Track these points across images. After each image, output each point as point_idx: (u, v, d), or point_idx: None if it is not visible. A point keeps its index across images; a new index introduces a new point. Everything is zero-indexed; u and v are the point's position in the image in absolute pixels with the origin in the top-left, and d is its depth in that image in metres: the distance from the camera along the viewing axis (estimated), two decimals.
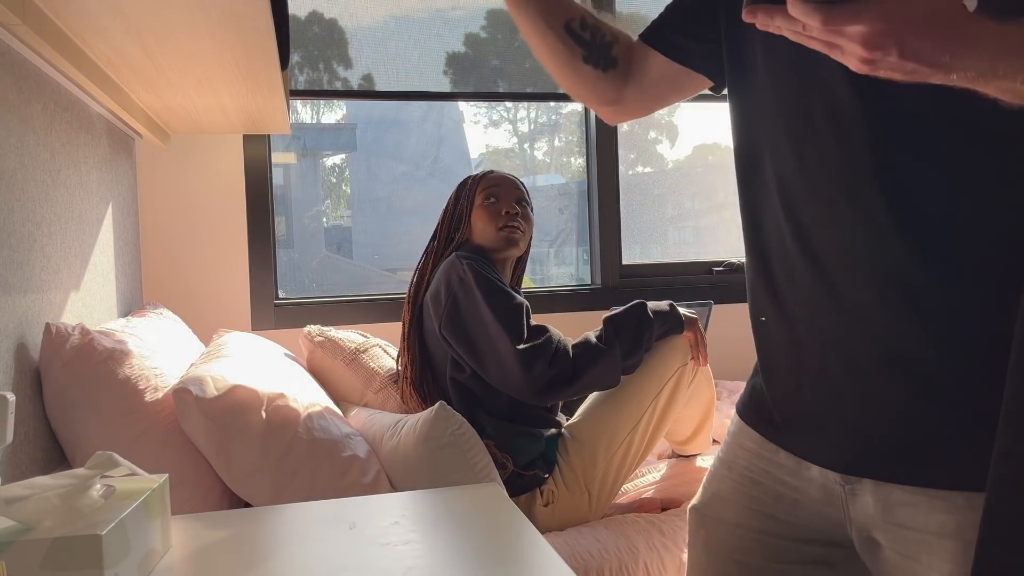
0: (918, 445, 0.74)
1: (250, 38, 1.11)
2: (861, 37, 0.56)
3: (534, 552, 0.72)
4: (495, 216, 1.67)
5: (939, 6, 0.56)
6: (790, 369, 0.85)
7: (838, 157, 0.76)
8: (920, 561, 0.75)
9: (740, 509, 0.90)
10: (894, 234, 0.73)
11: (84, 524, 0.61)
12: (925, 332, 0.73)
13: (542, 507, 1.50)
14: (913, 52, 0.56)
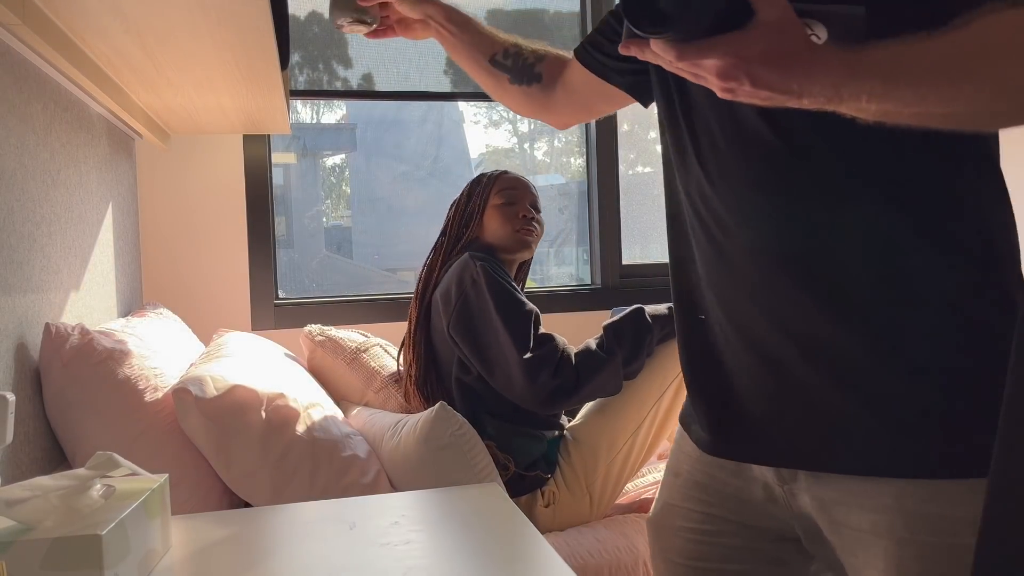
0: (842, 434, 0.77)
1: (250, 38, 1.11)
2: (715, 70, 0.62)
3: (534, 552, 0.72)
4: (511, 217, 1.67)
5: (785, 41, 0.61)
6: (716, 372, 0.87)
7: (745, 170, 0.80)
8: (857, 557, 0.77)
9: (691, 515, 0.91)
10: (800, 236, 0.77)
11: (84, 524, 0.61)
12: (839, 326, 0.76)
13: (543, 508, 1.50)
14: (763, 82, 0.62)
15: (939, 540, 0.73)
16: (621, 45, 0.67)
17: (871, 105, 0.63)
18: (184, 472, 1.20)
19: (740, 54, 0.61)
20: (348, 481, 1.26)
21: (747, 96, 0.64)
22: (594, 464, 1.54)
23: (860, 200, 0.75)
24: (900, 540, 0.74)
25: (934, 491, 0.73)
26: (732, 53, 0.61)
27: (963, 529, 0.71)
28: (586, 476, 1.53)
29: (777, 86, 0.62)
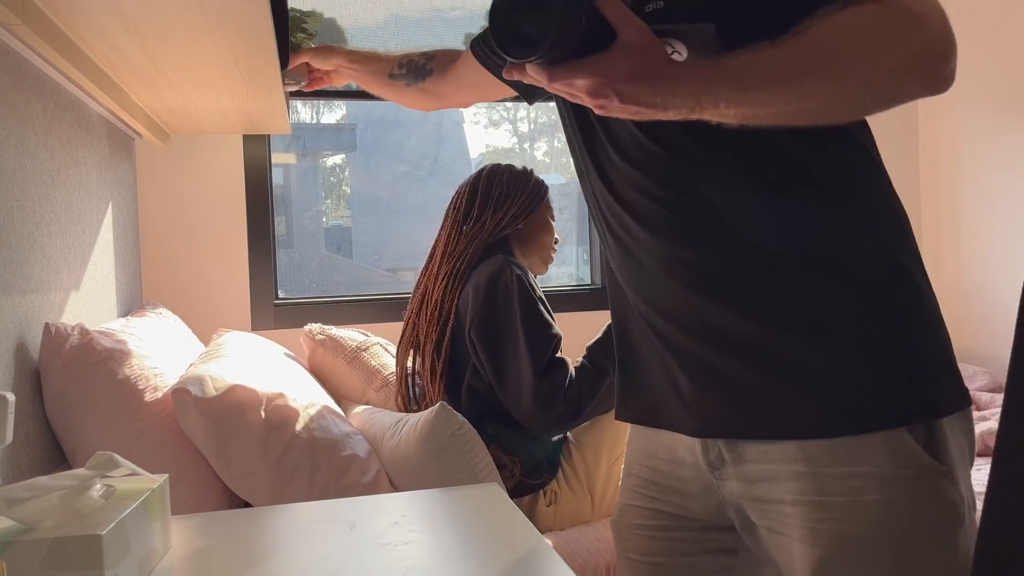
0: (752, 403, 0.81)
1: (250, 38, 1.11)
2: (585, 89, 0.68)
3: (534, 552, 0.72)
4: (551, 237, 1.67)
5: (647, 59, 0.68)
6: (639, 356, 0.93)
7: (631, 173, 0.86)
8: (783, 534, 0.81)
9: (643, 512, 0.95)
10: (684, 229, 0.83)
11: (84, 524, 0.61)
12: (734, 311, 0.81)
13: (544, 507, 1.50)
14: (630, 97, 0.68)
15: (847, 499, 0.77)
16: (504, 70, 0.72)
17: (729, 110, 0.69)
18: (184, 472, 1.19)
19: (606, 73, 0.67)
20: (348, 481, 1.26)
21: (618, 111, 0.70)
22: (596, 465, 1.54)
23: (740, 190, 0.81)
24: (812, 503, 0.78)
25: (841, 449, 0.77)
26: (599, 72, 0.67)
27: (869, 486, 0.76)
28: (588, 477, 1.53)
29: (643, 100, 0.68)
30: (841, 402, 0.78)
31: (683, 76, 0.69)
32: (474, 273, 1.53)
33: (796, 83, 0.69)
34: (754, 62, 0.68)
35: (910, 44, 0.70)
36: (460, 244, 1.58)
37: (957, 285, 2.57)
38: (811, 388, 0.78)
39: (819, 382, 0.78)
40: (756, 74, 0.68)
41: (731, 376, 0.81)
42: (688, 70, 0.70)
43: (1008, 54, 2.34)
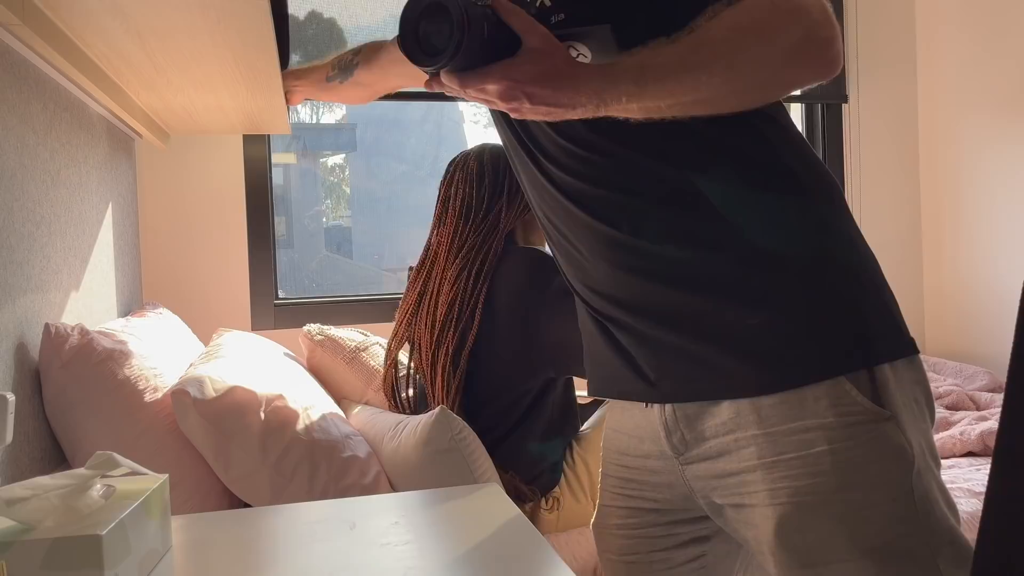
0: (698, 368, 0.84)
1: (250, 38, 1.11)
2: (497, 93, 0.72)
3: (534, 552, 0.72)
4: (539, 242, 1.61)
5: (552, 62, 0.72)
6: (593, 338, 0.96)
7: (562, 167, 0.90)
8: (746, 504, 0.82)
9: (620, 512, 0.98)
10: (616, 212, 0.86)
11: (84, 524, 0.61)
12: (669, 287, 0.85)
13: (547, 513, 1.49)
14: (539, 98, 0.72)
15: (799, 454, 0.79)
16: (425, 84, 0.77)
17: (631, 104, 0.74)
18: (184, 472, 1.19)
19: (514, 77, 0.71)
20: (348, 482, 1.26)
21: (530, 113, 0.74)
22: (599, 471, 1.53)
23: (656, 171, 0.84)
24: (768, 464, 0.80)
25: (788, 405, 0.79)
26: (506, 77, 0.71)
27: (817, 437, 0.78)
28: (591, 484, 1.52)
29: (551, 100, 0.72)
30: (783, 356, 0.80)
31: (585, 75, 0.73)
32: (503, 270, 1.43)
33: (690, 75, 0.74)
34: (651, 57, 0.73)
35: (793, 32, 0.75)
36: (472, 238, 1.47)
37: (957, 285, 2.57)
38: (753, 347, 0.81)
39: (760, 340, 0.81)
40: (653, 68, 0.73)
41: (676, 346, 0.84)
42: (589, 69, 0.74)
43: (1008, 54, 2.34)
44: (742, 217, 0.82)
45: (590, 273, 0.91)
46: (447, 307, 1.44)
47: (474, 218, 1.49)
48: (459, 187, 1.52)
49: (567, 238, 0.93)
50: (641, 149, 0.84)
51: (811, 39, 0.76)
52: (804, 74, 0.79)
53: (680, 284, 0.84)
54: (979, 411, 2.08)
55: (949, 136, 2.58)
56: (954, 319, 2.57)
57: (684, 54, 0.74)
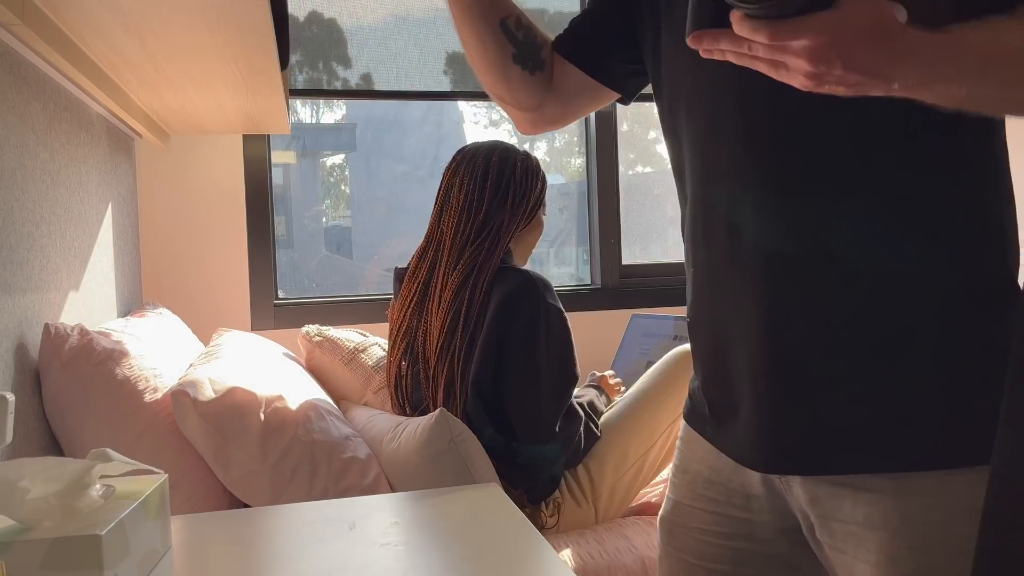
0: (836, 435, 0.76)
1: (250, 38, 1.11)
2: (806, 52, 0.58)
3: (534, 552, 0.72)
4: (540, 235, 1.59)
5: (878, 19, 0.58)
6: (719, 369, 0.86)
7: (752, 163, 0.79)
8: (847, 553, 0.77)
9: (701, 514, 0.91)
10: (793, 234, 0.76)
11: (84, 524, 0.61)
12: (833, 331, 0.76)
13: (548, 518, 1.49)
14: (856, 64, 0.58)
15: (934, 531, 0.73)
16: (690, 38, 0.63)
17: (962, 90, 0.61)
18: (184, 472, 1.19)
19: (835, 33, 0.57)
20: (347, 483, 1.26)
21: (835, 82, 0.60)
22: (601, 479, 1.52)
23: (856, 197, 0.74)
24: (895, 530, 0.73)
25: (931, 483, 0.73)
26: (827, 32, 0.57)
27: (958, 518, 0.71)
28: (592, 491, 1.52)
29: (870, 69, 0.59)
30: (939, 438, 0.73)
31: (920, 44, 0.59)
32: (497, 290, 1.44)
33: None
34: (1002, 35, 0.60)
35: None
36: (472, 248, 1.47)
37: None
38: (907, 424, 0.74)
39: (916, 417, 0.73)
40: (1005, 50, 0.60)
41: (816, 403, 0.77)
42: (926, 37, 0.60)
43: None
44: (947, 280, 0.73)
45: (754, 299, 0.79)
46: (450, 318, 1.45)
47: (473, 218, 1.49)
48: (463, 180, 1.51)
49: (724, 249, 0.82)
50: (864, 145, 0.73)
51: None
52: None
53: (879, 339, 0.74)
54: None
55: None
56: None
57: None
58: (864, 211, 0.74)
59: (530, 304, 1.41)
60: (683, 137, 0.87)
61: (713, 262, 0.84)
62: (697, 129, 0.84)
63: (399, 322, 1.55)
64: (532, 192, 1.53)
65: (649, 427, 1.55)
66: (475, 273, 1.45)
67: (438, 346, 1.45)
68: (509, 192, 1.50)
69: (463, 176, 1.52)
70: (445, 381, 1.44)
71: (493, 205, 1.49)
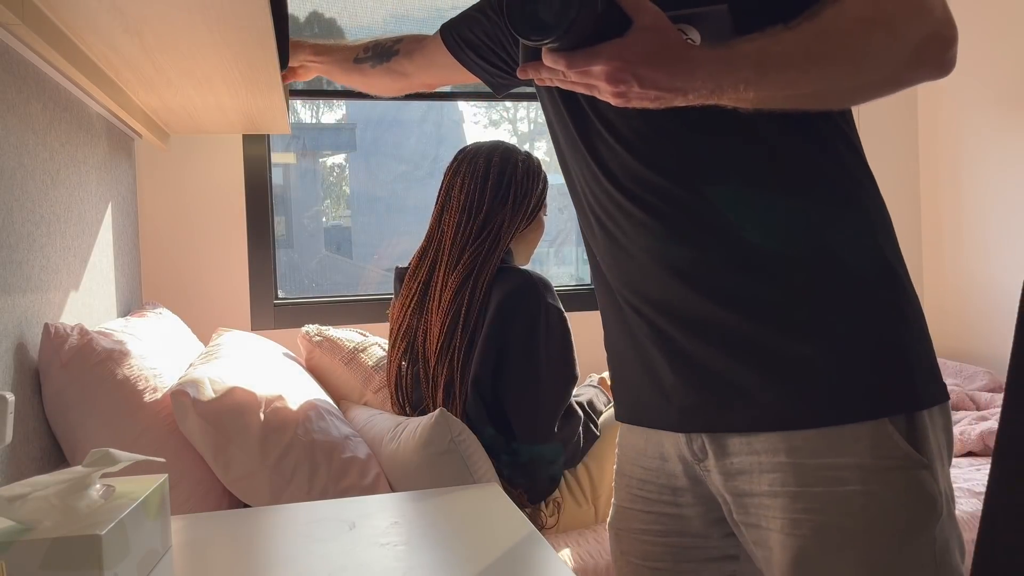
0: (734, 396, 0.81)
1: (250, 38, 1.11)
2: (604, 75, 0.67)
3: (534, 552, 0.72)
4: (541, 235, 1.59)
5: (662, 42, 0.67)
6: (622, 347, 0.93)
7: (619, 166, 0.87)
8: (760, 526, 0.81)
9: (640, 515, 0.94)
10: (688, 221, 0.83)
11: (84, 524, 0.61)
12: (723, 304, 0.82)
13: (548, 518, 1.49)
14: (650, 81, 0.67)
15: (828, 489, 0.77)
16: (519, 70, 0.72)
17: (748, 92, 0.69)
18: (184, 472, 1.19)
19: (625, 57, 0.66)
20: (347, 483, 1.26)
21: (638, 98, 0.69)
22: (600, 478, 1.52)
23: (742, 187, 0.81)
24: (793, 494, 0.78)
25: (823, 440, 0.77)
26: (617, 56, 0.66)
27: (850, 476, 0.76)
28: (592, 491, 1.52)
29: (663, 84, 0.67)
30: (827, 393, 0.78)
31: (703, 59, 0.68)
32: (497, 290, 1.44)
33: (815, 65, 0.70)
34: (772, 44, 0.69)
35: (919, 29, 0.71)
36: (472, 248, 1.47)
37: (957, 285, 2.57)
38: (796, 379, 0.79)
39: (805, 373, 0.78)
40: (776, 56, 0.69)
41: (716, 368, 0.81)
42: (707, 52, 0.69)
43: (1008, 53, 2.34)
44: (820, 248, 0.79)
45: (643, 279, 0.86)
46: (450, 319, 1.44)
47: (474, 218, 1.49)
48: (464, 180, 1.51)
49: (616, 239, 0.88)
50: (736, 158, 0.80)
51: (935, 37, 0.72)
52: (922, 74, 0.74)
53: (748, 309, 0.80)
54: (979, 411, 2.08)
55: (949, 135, 2.58)
56: (954, 319, 2.57)
57: (808, 43, 0.69)
58: (740, 190, 0.81)
59: (530, 304, 1.41)
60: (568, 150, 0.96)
61: (609, 251, 0.90)
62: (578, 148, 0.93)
63: (399, 321, 1.55)
64: (533, 192, 1.53)
65: None
66: (475, 273, 1.45)
67: (438, 346, 1.45)
68: (510, 192, 1.50)
69: (464, 176, 1.52)
70: (445, 381, 1.44)
71: (494, 205, 1.49)
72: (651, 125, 0.83)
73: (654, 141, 0.83)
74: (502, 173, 1.51)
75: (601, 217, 0.90)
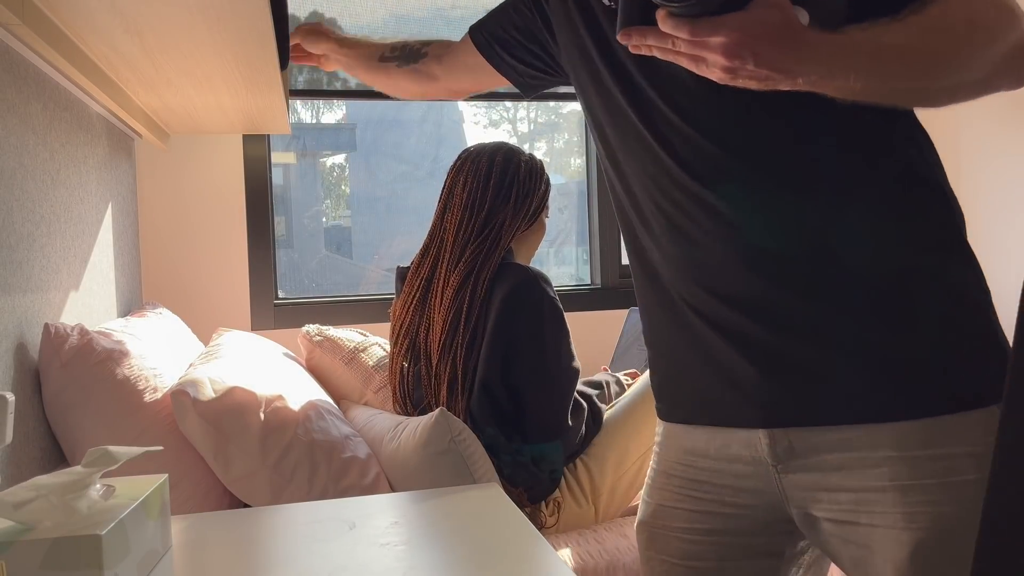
0: (833, 386, 0.79)
1: (250, 38, 1.11)
2: (722, 47, 0.65)
3: (534, 552, 0.72)
4: (542, 236, 1.59)
5: (785, 21, 0.66)
6: (676, 348, 0.90)
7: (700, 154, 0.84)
8: (859, 523, 0.79)
9: (686, 515, 0.92)
10: (779, 216, 0.81)
11: (84, 524, 0.61)
12: (822, 297, 0.80)
13: (548, 517, 1.49)
14: (766, 60, 0.65)
15: (942, 480, 0.75)
16: (620, 34, 0.69)
17: (856, 83, 0.68)
18: (184, 472, 1.19)
19: (748, 31, 0.64)
20: (347, 483, 1.26)
21: (747, 76, 0.67)
22: (601, 478, 1.52)
23: (838, 178, 0.79)
24: (905, 487, 0.76)
25: (934, 430, 0.76)
26: (740, 29, 0.64)
27: (965, 465, 0.74)
28: (592, 490, 1.52)
29: (779, 64, 0.66)
30: (936, 382, 0.77)
31: (819, 42, 0.67)
32: (499, 287, 1.44)
33: (923, 60, 0.69)
34: (884, 34, 0.68)
35: (1012, 37, 0.71)
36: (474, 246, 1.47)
37: None
38: (902, 370, 0.77)
39: (910, 364, 0.77)
40: (888, 47, 0.68)
41: (806, 362, 0.79)
42: (823, 37, 0.68)
43: None
44: (912, 241, 0.78)
45: (722, 279, 0.83)
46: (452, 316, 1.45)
47: (476, 216, 1.49)
48: (467, 178, 1.52)
49: (690, 236, 0.85)
50: (830, 151, 0.79)
51: (1021, 46, 0.72)
52: (1005, 82, 0.74)
53: (850, 304, 0.78)
54: None
55: (949, 136, 2.58)
56: None
57: (919, 36, 0.69)
58: (835, 197, 0.80)
59: (533, 298, 1.42)
60: (619, 146, 0.92)
61: (673, 245, 0.87)
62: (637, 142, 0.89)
63: (401, 318, 1.56)
64: (535, 193, 1.54)
65: (650, 426, 1.55)
66: (476, 270, 1.46)
67: (440, 343, 1.46)
68: (512, 191, 1.51)
69: (467, 174, 1.53)
70: (448, 379, 1.44)
71: (496, 204, 1.50)
72: (735, 114, 0.81)
73: (739, 129, 0.81)
74: (504, 172, 1.51)
75: (668, 211, 0.86)
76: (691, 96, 0.83)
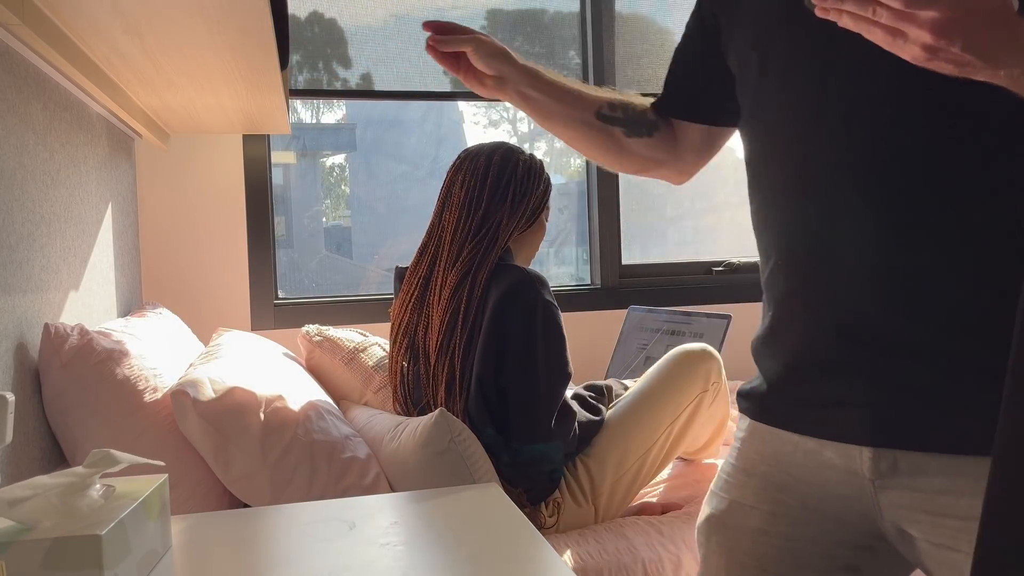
0: (953, 411, 0.74)
1: (250, 38, 1.11)
2: (932, 23, 0.58)
3: (534, 552, 0.72)
4: (542, 238, 1.59)
5: (1002, 5, 0.59)
6: (793, 354, 0.85)
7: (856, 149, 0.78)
8: (961, 551, 0.74)
9: (765, 516, 0.89)
10: (893, 219, 0.76)
11: (84, 524, 0.61)
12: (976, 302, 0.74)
13: (548, 518, 1.49)
14: (975, 44, 0.58)
15: None
16: (818, 8, 0.63)
17: None
18: (184, 472, 1.19)
19: (968, 8, 0.58)
20: (347, 483, 1.26)
21: (946, 60, 0.60)
22: (601, 479, 1.52)
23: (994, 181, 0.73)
24: None
25: None
26: (959, 8, 0.58)
27: None
28: (592, 490, 1.52)
29: (986, 52, 0.59)
30: None
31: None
32: (496, 287, 1.44)
33: None
34: None
35: None
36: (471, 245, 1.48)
37: None
38: None
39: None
40: None
41: (929, 385, 0.76)
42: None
43: None
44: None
45: (861, 297, 0.78)
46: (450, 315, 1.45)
47: (473, 215, 1.50)
48: (465, 177, 1.53)
49: (840, 230, 0.78)
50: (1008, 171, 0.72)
51: None
52: None
53: (946, 315, 0.73)
54: None
55: None
56: None
57: None
58: (964, 202, 0.73)
59: (528, 300, 1.41)
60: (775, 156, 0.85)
61: (817, 242, 0.82)
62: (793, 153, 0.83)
63: (400, 317, 1.56)
64: (533, 192, 1.54)
65: (650, 427, 1.55)
66: (473, 270, 1.46)
67: (438, 343, 1.46)
68: (509, 190, 1.51)
69: (465, 173, 1.53)
70: (446, 379, 1.44)
71: (493, 202, 1.50)
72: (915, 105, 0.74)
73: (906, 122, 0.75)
74: (502, 172, 1.52)
75: (827, 208, 0.80)
76: (872, 99, 0.76)
